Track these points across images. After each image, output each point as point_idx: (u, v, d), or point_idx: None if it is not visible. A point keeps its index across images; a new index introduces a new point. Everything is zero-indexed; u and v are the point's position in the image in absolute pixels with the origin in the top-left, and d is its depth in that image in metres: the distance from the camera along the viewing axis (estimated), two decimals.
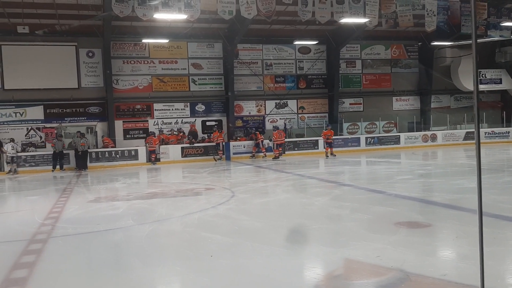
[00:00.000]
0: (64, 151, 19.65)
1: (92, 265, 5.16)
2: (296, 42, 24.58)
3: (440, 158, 19.08)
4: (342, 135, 24.65)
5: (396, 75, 27.34)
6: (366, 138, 24.25)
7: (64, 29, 17.95)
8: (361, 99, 26.89)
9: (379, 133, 25.28)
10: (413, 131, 25.55)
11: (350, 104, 26.68)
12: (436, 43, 24.96)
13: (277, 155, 20.92)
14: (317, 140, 23.35)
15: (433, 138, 24.96)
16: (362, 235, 5.91)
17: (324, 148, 21.04)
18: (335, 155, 20.19)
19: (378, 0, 19.64)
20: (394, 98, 27.47)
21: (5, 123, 21.22)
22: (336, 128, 24.96)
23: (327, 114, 26.09)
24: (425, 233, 6.03)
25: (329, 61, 25.92)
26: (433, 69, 26.88)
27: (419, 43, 26.66)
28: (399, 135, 24.78)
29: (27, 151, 20.29)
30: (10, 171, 18.71)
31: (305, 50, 25.69)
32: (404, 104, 27.69)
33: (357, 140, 24.02)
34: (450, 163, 16.34)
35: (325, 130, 21.45)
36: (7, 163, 18.90)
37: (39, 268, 5.10)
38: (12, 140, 19.39)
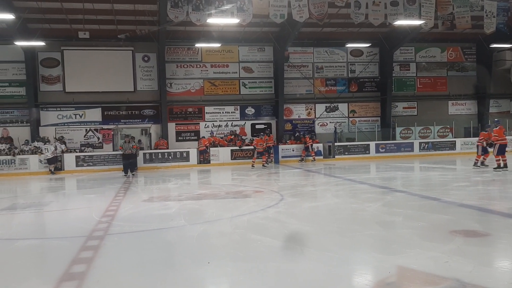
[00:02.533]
0: (136, 154, 18.59)
1: (146, 263, 5.32)
2: (348, 45, 24.20)
3: None
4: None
5: (452, 79, 26.44)
6: (420, 143, 23.57)
7: (126, 36, 18.72)
8: (415, 103, 26.19)
9: (434, 138, 24.48)
10: (470, 137, 24.56)
11: (404, 108, 26.05)
12: (495, 45, 23.92)
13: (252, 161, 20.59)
14: (368, 145, 22.97)
15: (491, 144, 23.83)
16: (416, 242, 5.75)
17: (483, 154, 16.15)
18: (488, 166, 15.84)
19: (434, 2, 19.09)
20: (450, 102, 26.59)
21: (66, 124, 22.30)
22: (388, 132, 24.44)
23: (379, 118, 25.59)
24: (483, 242, 5.78)
25: (382, 64, 25.42)
26: (492, 72, 25.77)
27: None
28: (455, 141, 23.93)
29: (85, 151, 21.20)
30: (52, 170, 19.12)
31: (357, 52, 25.34)
32: (461, 108, 26.72)
33: (411, 145, 23.39)
34: (509, 170, 15.55)
35: (485, 131, 16.55)
36: (58, 161, 19.48)
37: (97, 263, 5.31)
38: (59, 139, 20.16)
